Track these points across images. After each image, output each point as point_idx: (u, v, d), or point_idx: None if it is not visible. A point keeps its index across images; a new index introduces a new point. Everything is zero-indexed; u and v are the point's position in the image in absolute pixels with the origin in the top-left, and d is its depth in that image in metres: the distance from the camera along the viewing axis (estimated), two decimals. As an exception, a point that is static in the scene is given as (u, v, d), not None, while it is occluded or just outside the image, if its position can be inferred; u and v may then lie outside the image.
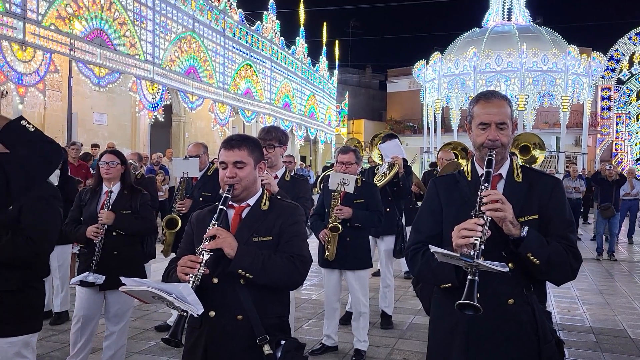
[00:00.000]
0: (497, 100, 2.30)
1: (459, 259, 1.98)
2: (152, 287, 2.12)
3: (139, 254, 4.31)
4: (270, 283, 2.37)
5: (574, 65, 26.17)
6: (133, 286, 2.15)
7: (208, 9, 16.94)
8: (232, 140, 2.53)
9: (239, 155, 2.47)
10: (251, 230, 2.45)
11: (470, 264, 1.97)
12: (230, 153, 2.48)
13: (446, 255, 2.00)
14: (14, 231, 2.70)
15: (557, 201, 2.30)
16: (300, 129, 25.11)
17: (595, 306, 7.30)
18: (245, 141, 2.53)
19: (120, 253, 4.03)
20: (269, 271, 2.33)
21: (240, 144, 2.50)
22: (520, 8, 29.52)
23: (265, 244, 2.43)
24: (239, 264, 2.30)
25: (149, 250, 4.51)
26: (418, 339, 5.60)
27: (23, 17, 10.15)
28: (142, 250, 4.35)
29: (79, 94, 14.06)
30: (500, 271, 1.96)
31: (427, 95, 29.75)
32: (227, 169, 2.47)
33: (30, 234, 2.70)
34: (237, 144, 2.49)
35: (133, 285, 2.16)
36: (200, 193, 5.20)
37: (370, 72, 44.50)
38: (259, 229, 2.46)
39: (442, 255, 2.02)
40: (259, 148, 2.60)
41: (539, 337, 2.21)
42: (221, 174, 2.49)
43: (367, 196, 4.99)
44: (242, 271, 2.30)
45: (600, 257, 11.36)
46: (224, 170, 2.49)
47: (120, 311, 4.10)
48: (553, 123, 32.00)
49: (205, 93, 16.83)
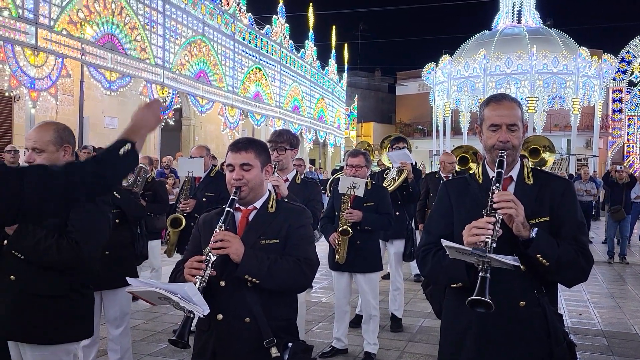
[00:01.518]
0: (507, 103, 2.32)
1: (470, 253, 1.99)
2: (157, 287, 2.12)
3: (130, 255, 4.27)
4: (276, 287, 2.37)
5: (584, 67, 26.04)
6: (139, 287, 2.15)
7: (218, 13, 17.02)
8: (239, 143, 2.54)
9: (246, 158, 2.48)
10: (258, 233, 2.46)
11: (482, 259, 1.97)
12: (237, 155, 2.49)
13: (458, 250, 2.01)
14: (60, 234, 2.64)
15: (568, 203, 2.31)
16: (309, 132, 25.14)
17: (607, 309, 7.25)
18: (252, 144, 2.54)
19: (111, 253, 3.94)
20: (275, 276, 2.33)
21: (247, 147, 2.50)
22: (530, 10, 29.42)
23: (272, 246, 2.44)
24: (244, 270, 2.31)
25: (140, 251, 4.46)
26: (428, 342, 5.59)
27: (35, 23, 10.24)
28: (133, 250, 4.31)
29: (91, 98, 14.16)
30: (512, 265, 1.96)
31: (437, 98, 29.69)
32: (234, 171, 2.48)
33: (76, 237, 2.64)
34: (244, 147, 2.50)
35: (138, 286, 2.15)
36: (203, 194, 5.37)
37: (379, 75, 44.46)
38: (266, 231, 2.47)
39: (454, 251, 2.03)
40: (266, 151, 2.61)
41: (551, 339, 2.20)
42: (228, 177, 2.50)
43: (377, 199, 4.99)
44: (248, 276, 2.31)
45: (611, 260, 11.28)
46: (231, 172, 2.49)
47: (119, 314, 4.09)
48: (564, 125, 31.80)
49: (215, 96, 16.90)
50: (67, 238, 2.64)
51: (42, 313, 2.68)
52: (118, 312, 4.08)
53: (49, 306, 2.69)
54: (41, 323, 2.67)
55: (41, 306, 2.68)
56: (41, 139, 2.76)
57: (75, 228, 2.66)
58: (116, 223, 3.98)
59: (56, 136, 2.79)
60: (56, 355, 2.72)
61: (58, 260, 2.64)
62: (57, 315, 2.71)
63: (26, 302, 2.68)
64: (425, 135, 36.50)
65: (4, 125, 12.58)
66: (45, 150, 2.74)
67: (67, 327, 2.75)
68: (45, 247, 2.61)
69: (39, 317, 2.67)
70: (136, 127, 2.21)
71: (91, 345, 4.04)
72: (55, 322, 2.70)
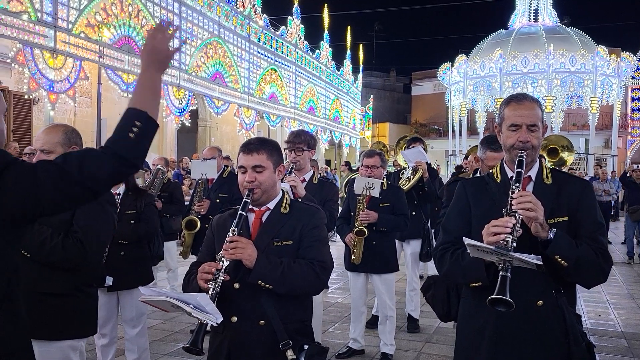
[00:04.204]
0: (528, 103, 2.32)
1: (492, 251, 1.98)
2: (170, 297, 2.11)
3: (146, 255, 4.29)
4: (290, 292, 2.35)
5: (602, 66, 25.75)
6: (152, 296, 2.15)
7: (233, 15, 17.10)
8: (250, 144, 2.50)
9: (258, 159, 2.44)
10: (271, 234, 2.44)
11: (503, 258, 1.97)
12: (249, 157, 2.45)
13: (480, 248, 2.01)
14: (65, 233, 2.69)
15: (587, 203, 2.29)
16: (324, 132, 25.14)
17: (627, 310, 7.16)
18: (263, 144, 2.50)
19: (126, 254, 4.01)
20: (288, 281, 2.31)
21: (258, 148, 2.46)
22: (547, 9, 29.15)
23: (286, 248, 2.42)
24: (257, 276, 2.29)
25: (155, 252, 4.51)
26: (445, 343, 5.57)
27: (54, 26, 10.37)
28: (149, 251, 4.34)
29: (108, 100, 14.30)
30: (534, 264, 1.95)
31: (453, 98, 29.54)
32: (247, 173, 2.44)
33: (81, 237, 2.68)
34: (255, 148, 2.46)
35: (152, 295, 2.16)
36: (217, 195, 5.39)
37: (394, 76, 44.37)
38: (279, 233, 2.44)
39: (476, 249, 2.02)
40: (278, 151, 2.57)
41: (569, 339, 2.19)
42: (240, 179, 2.47)
43: (393, 199, 4.98)
44: (261, 282, 2.29)
45: (631, 260, 11.14)
46: (243, 174, 2.46)
47: (135, 314, 4.12)
48: (582, 125, 31.48)
49: (231, 98, 16.98)
50: (72, 238, 2.67)
51: (47, 310, 2.73)
52: (134, 312, 4.11)
53: (54, 304, 2.74)
54: (47, 320, 2.73)
55: (47, 304, 2.73)
56: (50, 141, 2.83)
57: (81, 228, 2.70)
58: (131, 224, 4.03)
59: (64, 138, 2.85)
60: (62, 351, 2.77)
61: (63, 260, 2.68)
62: (62, 313, 2.76)
63: (32, 299, 2.70)
64: (441, 136, 36.33)
65: (24, 128, 12.74)
66: (54, 152, 2.79)
67: (73, 324, 2.81)
68: (51, 247, 2.65)
69: (44, 314, 2.72)
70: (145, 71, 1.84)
71: (109, 345, 4.08)
72: (61, 319, 2.76)
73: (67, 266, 2.74)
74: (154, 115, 1.75)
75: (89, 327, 2.96)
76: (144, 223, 4.10)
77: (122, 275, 3.84)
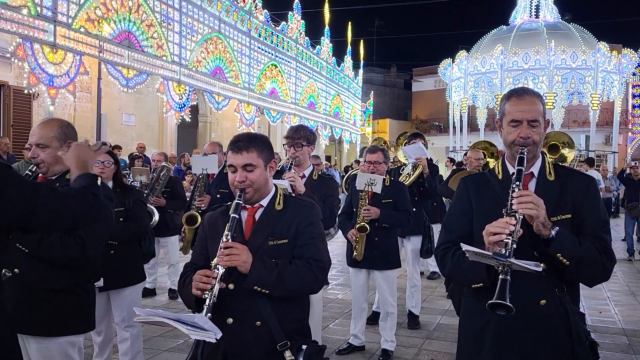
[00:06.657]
0: (529, 98, 2.27)
1: (491, 257, 1.95)
2: (166, 317, 2.07)
3: (137, 254, 4.19)
4: (287, 294, 2.30)
5: (604, 63, 25.71)
6: (147, 317, 2.11)
7: (234, 10, 17.06)
8: (239, 142, 2.37)
9: (248, 158, 2.34)
10: (266, 233, 2.36)
11: (502, 263, 1.94)
12: (239, 156, 2.35)
13: (478, 254, 1.98)
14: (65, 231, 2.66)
15: (591, 201, 2.25)
16: (325, 128, 25.13)
17: (627, 307, 7.15)
18: (253, 142, 2.38)
19: (117, 253, 3.86)
20: (285, 283, 2.26)
21: (248, 146, 2.35)
22: (548, 5, 29.10)
23: (281, 247, 2.36)
24: (253, 281, 2.23)
25: (147, 249, 4.40)
26: (446, 339, 5.56)
27: (54, 20, 10.35)
28: (140, 249, 4.23)
29: (108, 95, 14.28)
30: (534, 271, 1.92)
31: (453, 94, 29.51)
32: (237, 172, 2.35)
33: (80, 234, 2.67)
34: (244, 146, 2.35)
35: (147, 315, 2.11)
36: (217, 190, 5.37)
37: (395, 71, 44.28)
38: (274, 231, 2.37)
39: (474, 254, 1.99)
40: (269, 146, 2.46)
41: (573, 338, 2.16)
42: (231, 178, 2.37)
43: (395, 196, 4.96)
44: (257, 287, 2.24)
45: (632, 257, 11.13)
46: (233, 173, 2.36)
47: (127, 314, 3.99)
48: (582, 121, 31.42)
49: (231, 93, 16.96)
50: (72, 235, 2.66)
51: (46, 306, 2.72)
52: (125, 312, 3.98)
53: (52, 300, 2.73)
54: (45, 316, 2.72)
55: (45, 300, 2.72)
56: (45, 135, 2.80)
57: None
58: (120, 222, 3.89)
59: (60, 132, 2.83)
60: (60, 347, 2.77)
61: (63, 256, 2.67)
62: (60, 309, 2.75)
63: (30, 295, 2.72)
64: (441, 132, 36.28)
65: (24, 122, 12.72)
66: (49, 146, 2.78)
67: (71, 320, 2.80)
68: (49, 243, 2.65)
69: (43, 311, 2.72)
70: None
71: (106, 341, 4.03)
72: (59, 315, 2.75)
73: (67, 262, 2.73)
74: None
75: (87, 322, 2.96)
76: (134, 222, 3.98)
77: (113, 275, 3.72)
